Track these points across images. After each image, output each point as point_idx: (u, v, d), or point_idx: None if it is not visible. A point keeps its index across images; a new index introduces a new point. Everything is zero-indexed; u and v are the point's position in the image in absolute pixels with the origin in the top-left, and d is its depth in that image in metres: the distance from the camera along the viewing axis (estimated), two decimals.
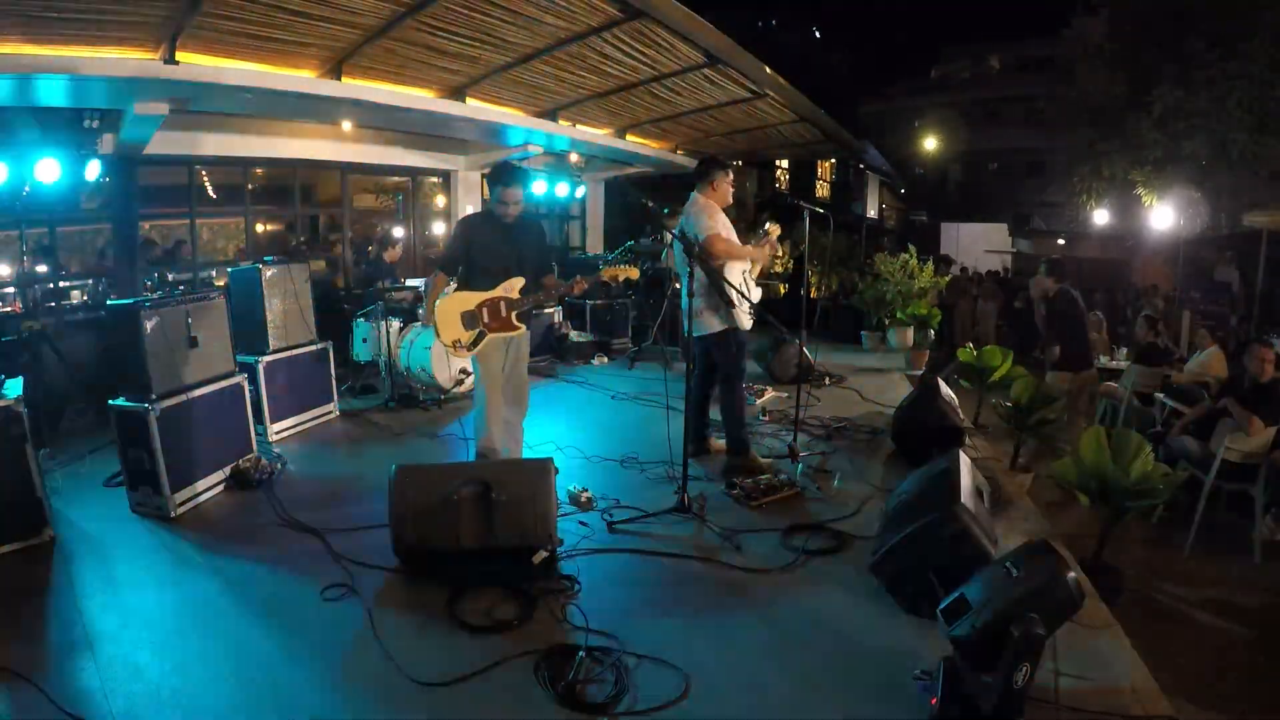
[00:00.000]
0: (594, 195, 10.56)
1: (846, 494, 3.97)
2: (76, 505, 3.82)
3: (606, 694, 2.27)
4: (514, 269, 3.79)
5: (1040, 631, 1.97)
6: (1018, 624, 1.98)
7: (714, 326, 4.10)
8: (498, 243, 3.80)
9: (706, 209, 4.11)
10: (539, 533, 2.98)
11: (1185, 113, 9.10)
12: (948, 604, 2.25)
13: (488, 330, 3.76)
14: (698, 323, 4.02)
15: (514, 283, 3.77)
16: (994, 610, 2.09)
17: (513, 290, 3.77)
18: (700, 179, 4.22)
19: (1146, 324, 7.57)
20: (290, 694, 2.32)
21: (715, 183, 4.20)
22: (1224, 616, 3.93)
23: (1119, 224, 12.58)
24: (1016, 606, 2.04)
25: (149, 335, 3.64)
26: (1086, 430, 3.92)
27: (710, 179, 4.19)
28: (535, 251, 3.95)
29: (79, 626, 2.70)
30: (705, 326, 4.09)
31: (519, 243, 3.84)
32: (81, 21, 3.90)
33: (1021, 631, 1.97)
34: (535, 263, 3.91)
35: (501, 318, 3.77)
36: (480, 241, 3.82)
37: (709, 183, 4.20)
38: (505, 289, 3.77)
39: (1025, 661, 1.97)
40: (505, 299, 3.76)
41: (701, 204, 4.14)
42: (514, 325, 3.81)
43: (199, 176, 6.98)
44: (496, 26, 4.85)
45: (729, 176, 4.24)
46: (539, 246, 4.05)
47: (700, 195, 4.19)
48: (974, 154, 28.45)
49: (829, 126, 8.86)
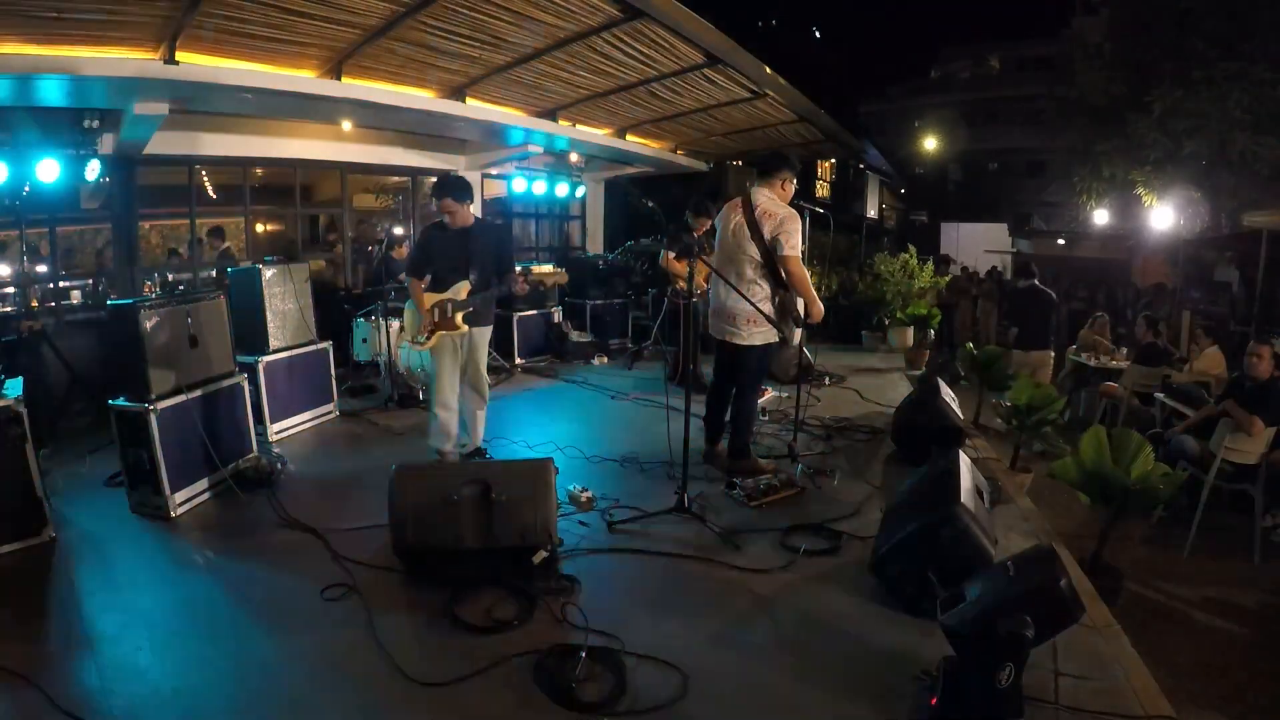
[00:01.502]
0: (594, 195, 10.56)
1: (846, 494, 3.97)
2: (76, 505, 3.82)
3: (606, 694, 2.27)
4: (463, 273, 4.12)
5: (1027, 634, 1.96)
6: (1004, 622, 1.98)
7: (765, 338, 3.92)
8: (448, 249, 4.15)
9: (795, 221, 3.77)
10: (539, 533, 2.98)
11: (1185, 113, 9.08)
12: (946, 597, 2.26)
13: (438, 329, 4.12)
14: (742, 329, 3.88)
15: (460, 286, 4.13)
16: (984, 606, 2.09)
17: (459, 293, 4.13)
18: (770, 174, 3.88)
19: (1146, 324, 7.56)
20: (290, 694, 2.32)
21: (785, 183, 3.90)
22: (1224, 616, 3.93)
23: (1119, 224, 12.56)
24: (1006, 606, 2.04)
25: (149, 335, 3.64)
26: (1086, 430, 3.92)
27: (780, 177, 3.89)
28: (488, 256, 4.22)
29: (79, 626, 2.70)
30: (751, 335, 3.90)
31: (470, 248, 4.14)
32: (81, 21, 3.90)
33: (1007, 631, 1.97)
34: (487, 266, 4.20)
35: (447, 318, 4.12)
36: (434, 248, 4.19)
37: (779, 181, 3.89)
38: (453, 292, 4.13)
39: (1008, 661, 1.97)
40: (452, 301, 4.12)
41: (791, 212, 3.79)
42: (458, 325, 4.13)
43: (199, 176, 6.98)
44: (496, 26, 4.85)
45: (794, 180, 3.95)
46: (495, 251, 4.28)
47: (771, 193, 3.87)
48: (974, 154, 28.46)
49: (829, 126, 8.86)
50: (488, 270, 4.20)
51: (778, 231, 3.76)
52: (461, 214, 4.12)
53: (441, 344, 4.15)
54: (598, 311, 8.39)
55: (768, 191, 3.89)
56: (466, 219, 4.16)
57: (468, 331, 4.18)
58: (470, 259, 4.14)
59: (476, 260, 4.16)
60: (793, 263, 3.77)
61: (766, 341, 3.94)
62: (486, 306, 4.28)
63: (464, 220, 4.14)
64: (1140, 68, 9.93)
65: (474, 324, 4.21)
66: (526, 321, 7.49)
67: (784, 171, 3.91)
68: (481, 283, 4.16)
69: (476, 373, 4.35)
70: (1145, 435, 4.08)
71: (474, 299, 4.14)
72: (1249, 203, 9.16)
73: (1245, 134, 8.70)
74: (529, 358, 7.48)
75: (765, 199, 3.87)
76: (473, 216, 4.22)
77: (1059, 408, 5.07)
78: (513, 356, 7.30)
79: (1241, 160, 8.84)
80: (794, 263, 3.78)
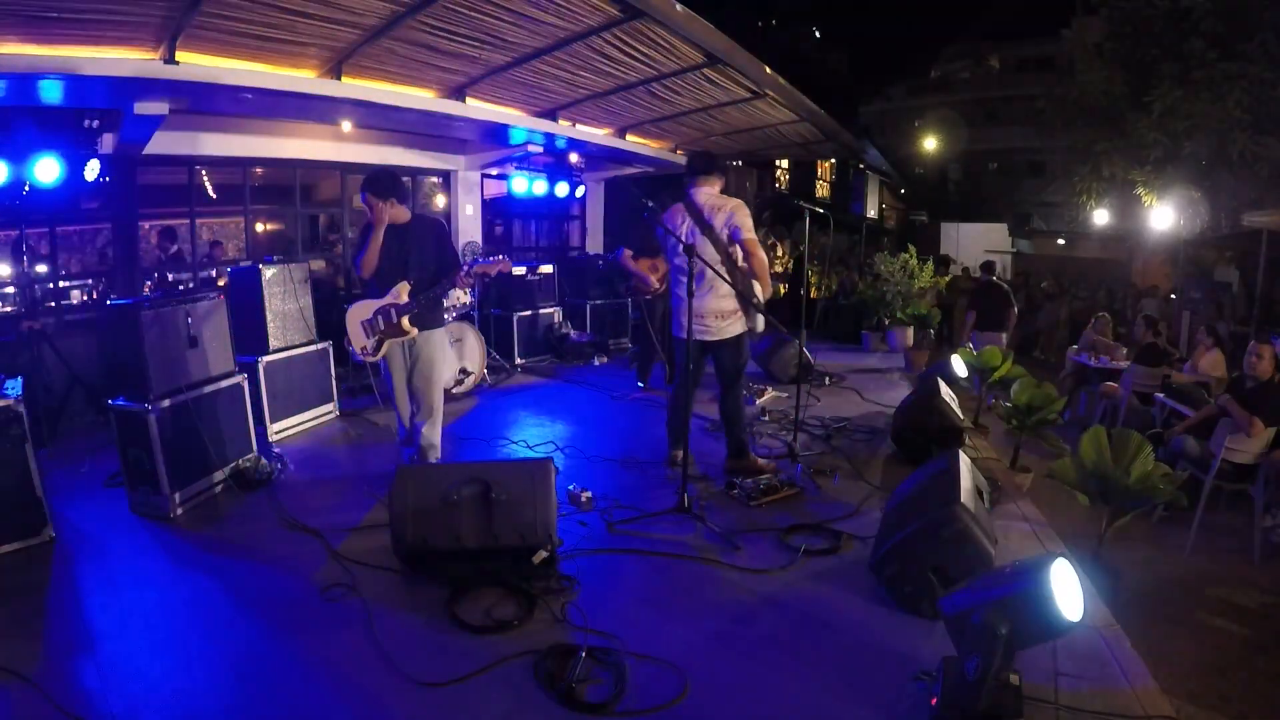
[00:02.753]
0: (594, 195, 10.55)
1: (846, 494, 3.97)
2: (76, 505, 3.82)
3: (606, 694, 2.27)
4: (402, 273, 3.86)
5: (1000, 631, 1.96)
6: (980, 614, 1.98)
7: (737, 329, 3.98)
8: (389, 249, 3.87)
9: (745, 208, 3.87)
10: (539, 533, 2.98)
11: (1185, 113, 9.08)
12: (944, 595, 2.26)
13: (384, 336, 3.89)
14: (713, 325, 3.92)
15: (401, 288, 3.85)
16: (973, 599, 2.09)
17: (400, 295, 3.85)
18: (708, 173, 3.99)
19: (1145, 324, 7.56)
20: (290, 694, 2.32)
21: (723, 178, 4.02)
22: (1224, 616, 3.93)
23: (1119, 224, 12.56)
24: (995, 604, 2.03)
25: (149, 335, 3.64)
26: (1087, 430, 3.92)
27: (720, 172, 4.01)
28: (428, 253, 3.95)
29: (79, 626, 2.70)
30: (723, 329, 3.95)
31: (408, 247, 3.89)
32: (81, 21, 3.89)
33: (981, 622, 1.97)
34: (427, 265, 3.93)
35: (392, 323, 3.87)
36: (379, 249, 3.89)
37: (719, 176, 4.00)
38: (394, 294, 3.86)
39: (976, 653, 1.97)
40: (394, 304, 3.85)
41: (738, 202, 3.91)
42: (404, 330, 3.87)
43: (199, 176, 6.98)
44: (496, 26, 4.84)
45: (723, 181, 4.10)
46: (433, 247, 4.00)
47: (710, 189, 3.96)
48: (974, 154, 28.44)
49: (829, 126, 8.85)
50: (428, 269, 3.93)
51: (730, 221, 3.81)
52: (395, 211, 3.87)
53: (391, 351, 3.96)
54: (598, 311, 8.39)
55: (707, 189, 3.97)
56: (401, 216, 3.91)
57: (415, 335, 3.93)
58: (408, 258, 3.90)
59: (415, 259, 3.91)
60: (754, 245, 3.83)
61: (739, 333, 4.00)
62: (432, 307, 4.01)
63: (399, 218, 3.90)
64: (1140, 68, 9.93)
65: (421, 326, 3.96)
66: (526, 321, 7.50)
67: (716, 173, 4.02)
68: (423, 282, 3.90)
69: (423, 379, 4.04)
70: (1145, 435, 4.08)
71: (417, 300, 3.88)
72: (1249, 203, 9.16)
73: (1245, 134, 8.70)
74: (529, 358, 7.49)
75: (705, 195, 3.94)
76: (408, 213, 3.98)
77: (1059, 408, 5.07)
78: (513, 356, 7.31)
79: (1241, 160, 8.84)
80: (755, 245, 3.83)
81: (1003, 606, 2.00)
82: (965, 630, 2.03)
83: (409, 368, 4.03)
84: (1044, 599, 1.98)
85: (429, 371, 4.04)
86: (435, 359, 4.05)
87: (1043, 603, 1.98)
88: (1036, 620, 2.00)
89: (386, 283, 3.89)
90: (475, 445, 4.90)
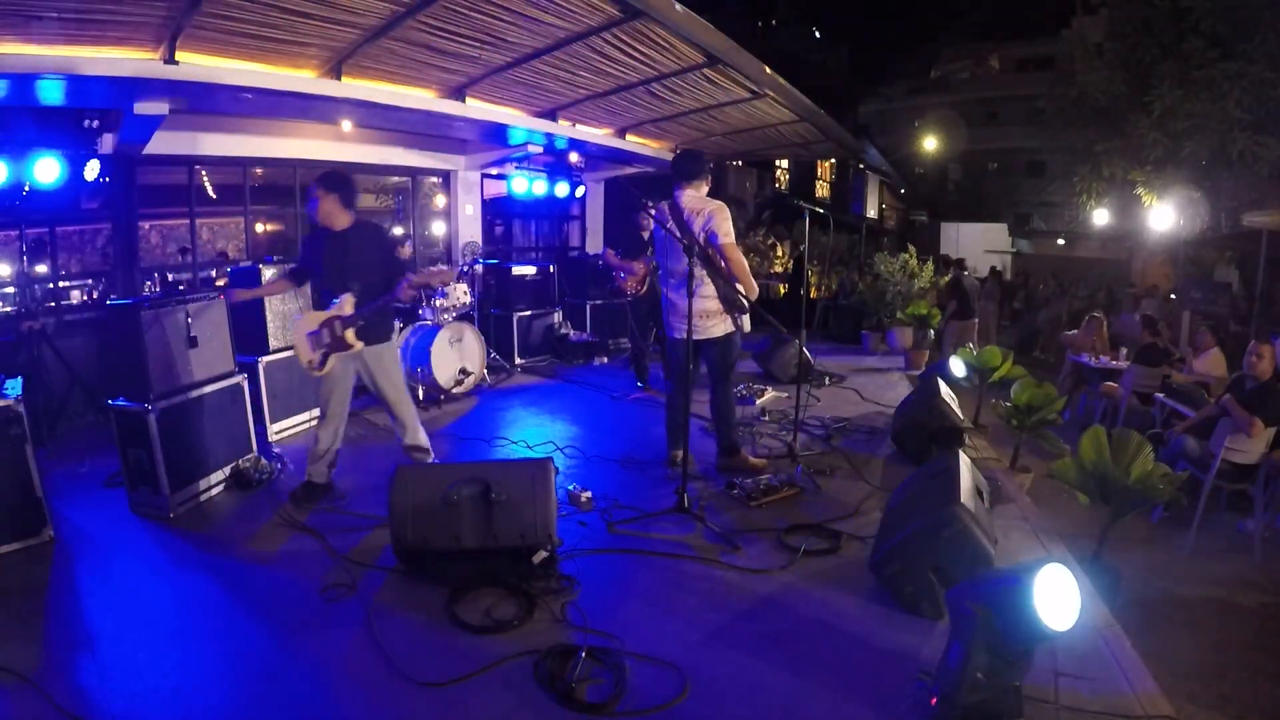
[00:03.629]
0: (594, 195, 10.55)
1: (846, 494, 3.97)
2: (76, 505, 3.82)
3: (606, 694, 2.27)
4: (346, 283, 3.64)
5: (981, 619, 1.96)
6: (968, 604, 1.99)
7: (723, 329, 4.03)
8: (332, 257, 3.69)
9: (724, 211, 3.92)
10: (539, 533, 2.98)
11: (1185, 113, 9.08)
12: None
13: (330, 350, 3.66)
14: (699, 325, 3.94)
15: (346, 299, 3.62)
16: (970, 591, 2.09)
17: (345, 307, 3.61)
18: (697, 175, 4.01)
19: (1144, 324, 7.56)
20: (290, 694, 2.32)
21: (708, 179, 4.07)
22: (1224, 616, 3.93)
23: (1119, 224, 12.57)
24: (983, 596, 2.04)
25: (149, 335, 3.64)
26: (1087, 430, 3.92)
27: (706, 175, 4.05)
28: (370, 262, 3.70)
29: (79, 626, 2.70)
30: (709, 329, 4.01)
31: (350, 254, 3.67)
32: (81, 21, 3.90)
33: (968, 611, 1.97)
34: (371, 274, 3.66)
35: (337, 336, 3.62)
36: (320, 257, 3.73)
37: (705, 179, 4.04)
38: (338, 307, 3.63)
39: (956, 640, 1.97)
40: (339, 317, 3.62)
41: (718, 204, 3.95)
42: (348, 343, 3.62)
43: (199, 176, 6.98)
44: (496, 26, 4.84)
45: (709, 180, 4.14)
46: (375, 254, 3.75)
47: (699, 192, 4.02)
48: (974, 154, 28.44)
49: (829, 126, 8.84)
50: (372, 278, 3.65)
51: (708, 225, 3.86)
52: (341, 215, 3.64)
53: (336, 367, 3.71)
54: (598, 311, 8.39)
55: (691, 190, 4.01)
56: (344, 221, 3.67)
57: (360, 349, 3.67)
58: (348, 268, 3.65)
59: (357, 268, 3.66)
60: (730, 249, 3.88)
61: (726, 332, 4.04)
62: (380, 319, 3.73)
63: (343, 223, 3.67)
64: (1140, 68, 9.93)
65: (368, 340, 3.68)
66: (526, 321, 7.50)
67: (701, 175, 4.04)
68: (366, 292, 3.62)
69: (395, 401, 3.85)
70: (1145, 435, 4.08)
71: (362, 312, 3.62)
72: (1249, 203, 9.16)
73: (1245, 134, 8.70)
74: (529, 358, 7.49)
75: (689, 198, 3.99)
76: (351, 217, 3.70)
77: (1059, 408, 5.07)
78: (513, 356, 7.31)
79: (1241, 160, 8.84)
80: (731, 249, 3.88)
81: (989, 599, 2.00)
82: (956, 619, 2.03)
83: (371, 383, 3.83)
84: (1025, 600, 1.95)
85: (387, 387, 3.84)
86: (389, 373, 3.84)
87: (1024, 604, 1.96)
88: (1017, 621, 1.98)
89: (329, 293, 3.70)
90: (475, 445, 4.91)
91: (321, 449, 3.82)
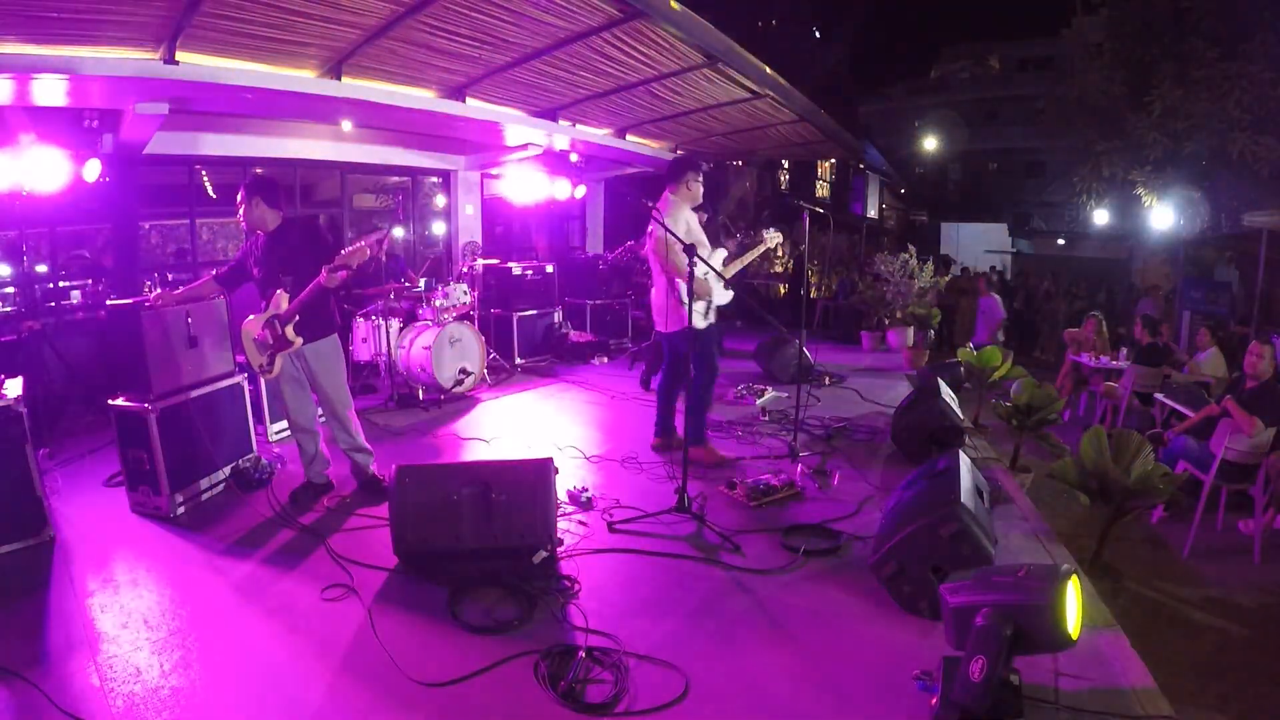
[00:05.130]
0: (594, 195, 10.56)
1: (846, 494, 3.97)
2: (76, 505, 3.82)
3: (606, 694, 2.27)
4: (279, 281, 3.66)
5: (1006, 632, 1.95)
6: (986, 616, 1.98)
7: (679, 323, 4.22)
8: (264, 258, 3.74)
9: (675, 214, 4.14)
10: (539, 533, 2.98)
11: (1185, 113, 9.08)
12: None
13: (274, 350, 3.68)
14: (659, 320, 4.34)
15: (280, 296, 3.63)
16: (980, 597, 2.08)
17: (280, 304, 3.63)
18: (673, 179, 4.28)
19: (1144, 324, 7.56)
20: (290, 694, 2.32)
21: (687, 182, 4.28)
22: (1223, 616, 3.92)
23: (1119, 224, 12.57)
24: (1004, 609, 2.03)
25: (149, 335, 3.64)
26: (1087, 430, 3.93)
27: (683, 179, 4.26)
28: (300, 256, 3.65)
29: (79, 626, 2.70)
30: (667, 324, 4.28)
31: (279, 251, 3.70)
32: (81, 21, 3.90)
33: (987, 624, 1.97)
34: (302, 267, 3.61)
35: (279, 335, 3.64)
36: (254, 259, 3.78)
37: (682, 183, 4.27)
38: (274, 305, 3.65)
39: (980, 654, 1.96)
40: (277, 315, 3.63)
41: (671, 203, 4.21)
42: (288, 340, 3.63)
43: (199, 176, 6.98)
44: (496, 26, 4.84)
45: (699, 177, 4.34)
46: (305, 247, 3.69)
47: (672, 195, 4.25)
48: (974, 154, 28.47)
49: (829, 126, 8.85)
50: (303, 271, 3.58)
51: (657, 247, 4.15)
52: (269, 216, 3.70)
53: (283, 366, 3.73)
54: (598, 311, 8.39)
55: (668, 194, 4.27)
56: (274, 222, 3.72)
57: (299, 344, 3.65)
58: (278, 264, 3.67)
59: (286, 263, 3.66)
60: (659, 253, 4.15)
61: (680, 327, 4.20)
62: (316, 311, 3.67)
63: (273, 224, 3.72)
64: (1140, 68, 9.92)
65: (307, 336, 3.66)
66: (526, 321, 7.50)
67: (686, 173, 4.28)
68: (298, 286, 3.60)
69: (332, 399, 3.82)
70: (1145, 435, 4.08)
71: (294, 306, 3.60)
72: (1249, 203, 9.15)
73: (1245, 134, 8.69)
74: (529, 358, 7.49)
75: (665, 200, 4.24)
76: (279, 216, 3.75)
77: (1059, 408, 5.07)
78: (513, 356, 7.31)
79: (1241, 160, 8.84)
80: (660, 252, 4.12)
81: (1012, 612, 1.99)
82: (968, 628, 2.02)
83: (313, 380, 3.81)
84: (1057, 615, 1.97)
85: (325, 384, 3.81)
86: (330, 369, 3.81)
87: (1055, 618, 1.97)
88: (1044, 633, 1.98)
89: (265, 293, 3.72)
90: (475, 445, 4.91)
91: (308, 454, 3.90)
